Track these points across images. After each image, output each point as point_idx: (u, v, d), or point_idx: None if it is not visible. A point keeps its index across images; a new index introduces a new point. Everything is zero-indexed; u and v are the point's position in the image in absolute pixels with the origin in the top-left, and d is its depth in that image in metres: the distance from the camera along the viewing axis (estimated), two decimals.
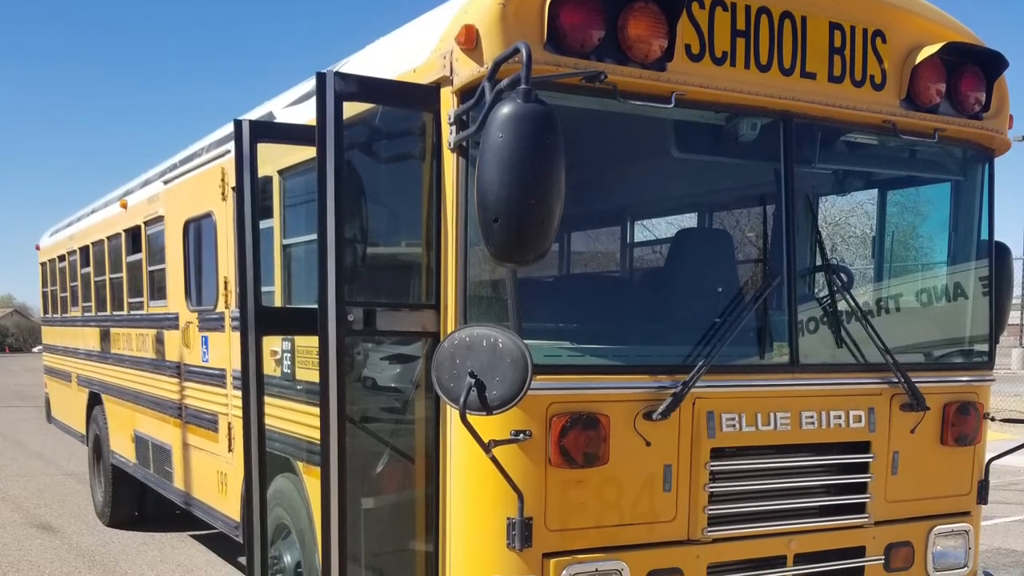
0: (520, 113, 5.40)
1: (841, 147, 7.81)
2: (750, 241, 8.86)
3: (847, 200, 9.12)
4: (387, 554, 7.46)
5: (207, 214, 11.32)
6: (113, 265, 16.17)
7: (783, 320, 7.27)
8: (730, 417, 6.92)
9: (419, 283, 6.95)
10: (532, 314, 6.53)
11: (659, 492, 6.78)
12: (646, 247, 11.05)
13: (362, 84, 6.66)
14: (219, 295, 10.95)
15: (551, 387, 6.34)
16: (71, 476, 22.69)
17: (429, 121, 6.66)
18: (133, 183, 15.94)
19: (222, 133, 11.32)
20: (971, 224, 8.27)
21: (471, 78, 6.23)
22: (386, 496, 7.46)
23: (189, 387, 12.40)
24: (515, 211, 5.37)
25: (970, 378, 8.09)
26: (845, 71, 7.22)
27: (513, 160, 5.36)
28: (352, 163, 6.87)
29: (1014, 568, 14.15)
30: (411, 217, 6.97)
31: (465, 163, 6.36)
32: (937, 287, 8.40)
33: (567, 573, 6.45)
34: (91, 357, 18.03)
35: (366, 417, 7.44)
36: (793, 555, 7.26)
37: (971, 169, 8.20)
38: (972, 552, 8.09)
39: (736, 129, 7.10)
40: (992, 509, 14.36)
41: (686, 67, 6.60)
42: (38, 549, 15.60)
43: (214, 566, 14.48)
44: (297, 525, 8.79)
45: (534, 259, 5.60)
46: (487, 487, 6.36)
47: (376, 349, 7.50)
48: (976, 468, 8.16)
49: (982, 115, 7.77)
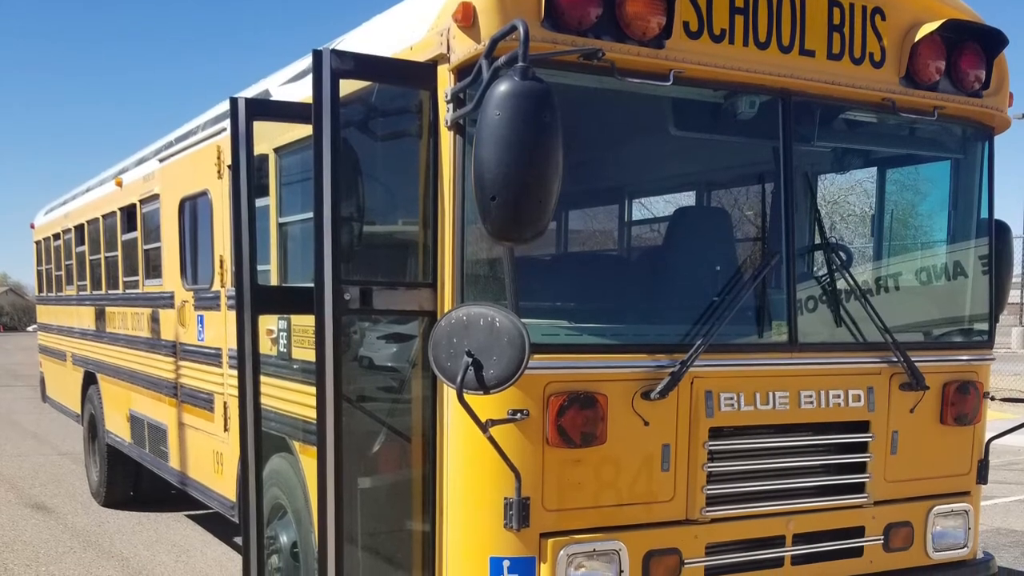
0: (517, 91, 5.37)
1: (840, 125, 7.77)
2: (748, 220, 8.86)
3: (846, 178, 9.10)
4: (384, 534, 7.45)
5: (203, 192, 11.28)
6: (108, 244, 16.13)
7: (782, 299, 7.24)
8: (728, 396, 6.90)
9: (416, 262, 6.93)
10: (529, 293, 6.50)
11: (657, 472, 6.76)
12: (644, 226, 11.03)
13: (358, 62, 6.63)
14: (215, 274, 10.92)
15: (548, 366, 6.31)
16: (66, 456, 22.66)
17: (426, 99, 6.62)
18: (128, 161, 15.90)
19: (218, 111, 11.28)
20: (971, 202, 8.24)
21: (468, 56, 6.19)
22: (383, 476, 7.44)
23: (185, 366, 12.37)
24: (512, 189, 5.35)
25: (970, 357, 8.07)
26: (844, 48, 7.18)
27: (510, 138, 5.33)
28: (348, 141, 6.83)
29: (1014, 548, 14.14)
30: (408, 195, 6.95)
31: (462, 141, 6.32)
32: (936, 266, 8.37)
33: (565, 553, 6.42)
34: (86, 336, 17.98)
35: (363, 396, 7.41)
36: (792, 535, 7.25)
37: (971, 147, 8.17)
38: (972, 532, 8.08)
39: (734, 107, 7.07)
40: (992, 489, 14.40)
41: (684, 44, 6.56)
42: (33, 529, 15.58)
43: (210, 546, 14.46)
44: (293, 505, 8.77)
45: (532, 237, 5.58)
46: (484, 467, 6.34)
47: (373, 328, 7.47)
48: (976, 448, 8.14)
49: (982, 93, 7.73)
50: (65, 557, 13.85)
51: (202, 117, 12.10)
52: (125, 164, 15.98)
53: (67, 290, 19.65)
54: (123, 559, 13.74)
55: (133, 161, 15.46)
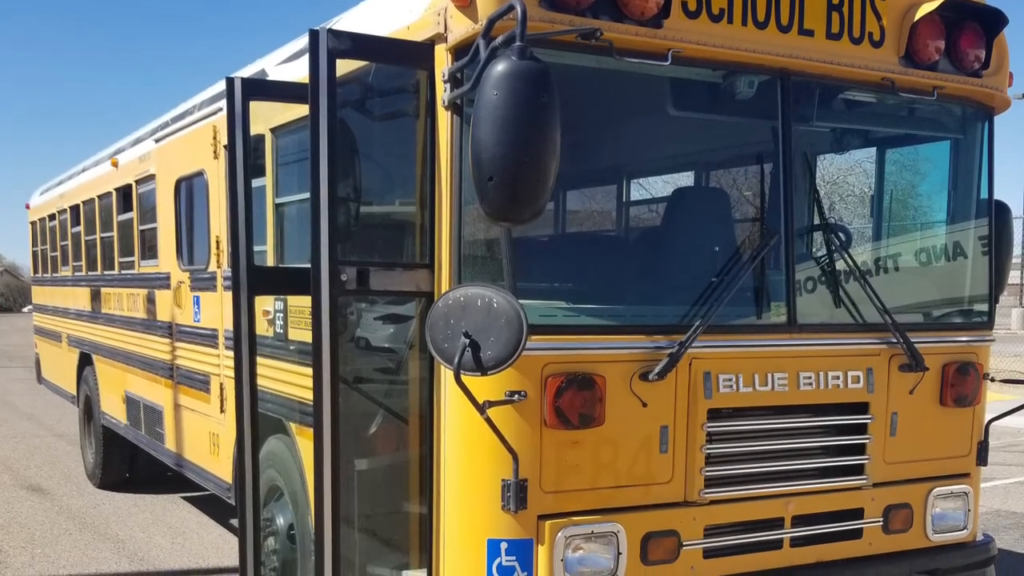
0: (515, 71, 5.34)
1: (839, 105, 7.75)
2: (747, 200, 8.83)
3: (845, 159, 9.10)
4: (380, 516, 7.45)
5: (199, 172, 11.25)
6: (104, 224, 16.09)
7: (781, 280, 7.22)
8: (727, 378, 6.88)
9: (413, 242, 6.92)
10: (527, 273, 6.50)
11: (655, 453, 6.74)
12: (642, 206, 11.01)
13: (355, 41, 6.59)
14: (211, 254, 10.89)
15: (546, 347, 6.29)
16: (61, 437, 22.67)
17: (423, 79, 6.60)
18: (124, 141, 15.86)
19: (214, 91, 11.25)
20: (971, 183, 8.22)
21: (465, 35, 6.16)
22: (380, 457, 7.43)
23: (181, 347, 12.35)
24: (510, 170, 5.32)
25: (969, 338, 8.05)
26: (843, 28, 7.15)
27: (508, 118, 5.30)
28: (345, 121, 6.81)
29: (1014, 530, 14.17)
30: (405, 176, 6.94)
31: (459, 121, 6.30)
32: (936, 246, 8.35)
33: (562, 535, 6.40)
34: (82, 317, 17.96)
35: (359, 378, 7.41)
36: (791, 517, 7.23)
37: (970, 127, 8.14)
38: (971, 514, 8.07)
39: (733, 87, 7.03)
40: (992, 471, 14.42)
41: (683, 24, 6.53)
42: (28, 511, 15.57)
43: (206, 528, 14.47)
44: (290, 487, 8.76)
45: (529, 218, 5.55)
46: (481, 448, 6.32)
47: (370, 309, 7.47)
48: (976, 429, 8.12)
49: (981, 72, 7.70)
50: (60, 539, 13.85)
51: (198, 97, 12.07)
52: (121, 144, 15.94)
53: (63, 271, 19.61)
54: (119, 541, 13.75)
55: (129, 141, 15.42)
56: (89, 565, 12.62)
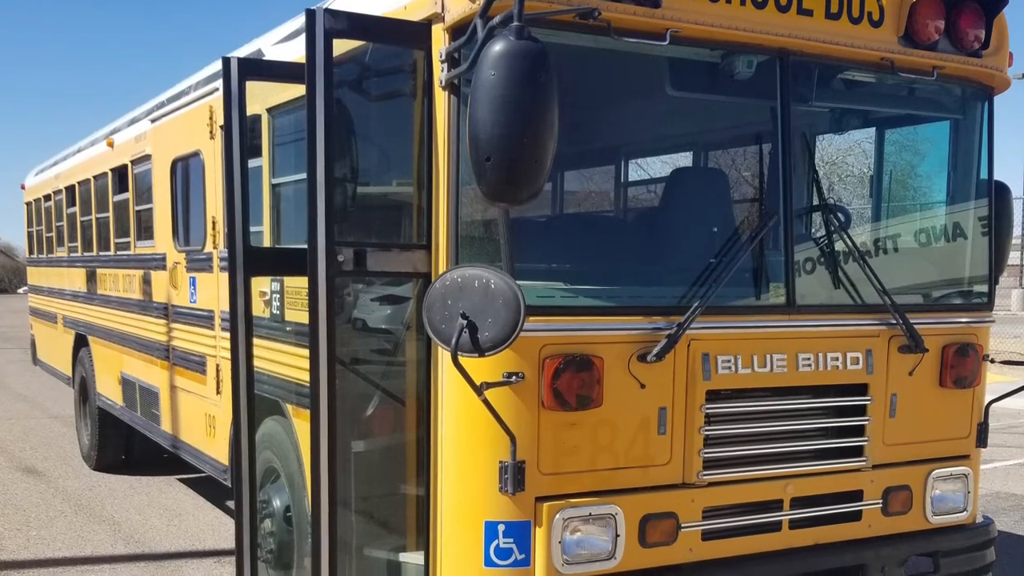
0: (512, 50, 5.31)
1: (838, 85, 7.72)
2: (746, 180, 8.81)
3: (844, 139, 9.09)
4: (377, 498, 7.43)
5: (195, 153, 11.22)
6: (99, 205, 16.06)
7: (779, 260, 7.19)
8: (726, 359, 6.87)
9: (410, 223, 6.89)
10: (525, 254, 6.46)
11: (654, 435, 6.72)
12: (640, 187, 10.98)
13: (352, 21, 6.55)
14: (207, 235, 10.87)
15: (544, 328, 6.27)
16: (57, 419, 22.64)
17: (420, 59, 6.55)
18: (120, 121, 15.80)
19: (210, 71, 11.20)
20: (970, 163, 8.20)
21: (463, 15, 6.12)
22: (377, 439, 7.40)
23: (177, 328, 12.32)
24: (508, 150, 5.30)
25: (969, 319, 8.03)
26: (842, 7, 7.12)
27: (505, 98, 5.28)
28: (342, 101, 6.77)
29: (1013, 512, 14.16)
30: (402, 156, 6.91)
31: (457, 101, 6.27)
32: (936, 227, 8.33)
33: (560, 517, 6.39)
34: (77, 298, 17.94)
35: (356, 359, 7.39)
36: (790, 499, 7.23)
37: (970, 107, 8.12)
38: (971, 496, 8.07)
39: (732, 67, 7.00)
40: (991, 452, 14.42)
41: (681, 3, 6.49)
42: (23, 493, 15.56)
43: (202, 510, 14.45)
44: (286, 469, 8.74)
45: (527, 199, 5.54)
46: (479, 430, 6.30)
47: (367, 290, 7.44)
48: (975, 411, 8.12)
49: (981, 52, 7.67)
50: (56, 521, 13.83)
51: (194, 77, 12.02)
52: (117, 124, 15.89)
53: (58, 252, 19.59)
54: (114, 523, 13.73)
55: (125, 121, 15.37)
56: (84, 547, 12.60)
